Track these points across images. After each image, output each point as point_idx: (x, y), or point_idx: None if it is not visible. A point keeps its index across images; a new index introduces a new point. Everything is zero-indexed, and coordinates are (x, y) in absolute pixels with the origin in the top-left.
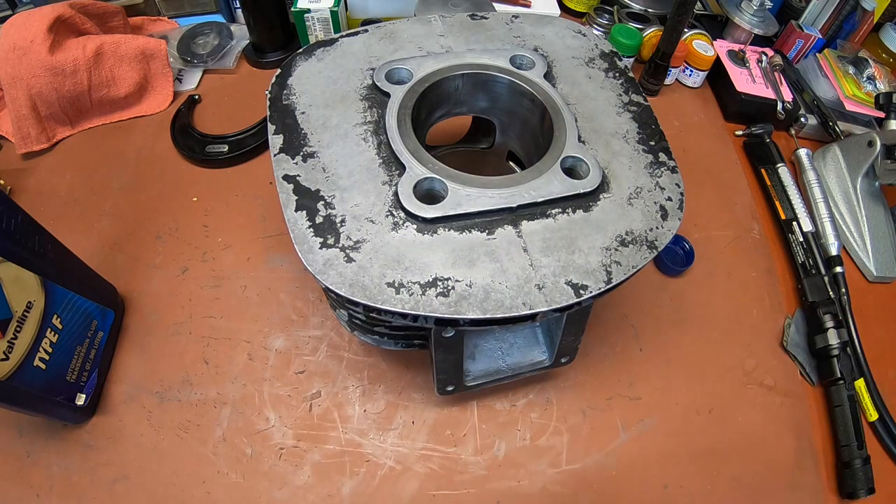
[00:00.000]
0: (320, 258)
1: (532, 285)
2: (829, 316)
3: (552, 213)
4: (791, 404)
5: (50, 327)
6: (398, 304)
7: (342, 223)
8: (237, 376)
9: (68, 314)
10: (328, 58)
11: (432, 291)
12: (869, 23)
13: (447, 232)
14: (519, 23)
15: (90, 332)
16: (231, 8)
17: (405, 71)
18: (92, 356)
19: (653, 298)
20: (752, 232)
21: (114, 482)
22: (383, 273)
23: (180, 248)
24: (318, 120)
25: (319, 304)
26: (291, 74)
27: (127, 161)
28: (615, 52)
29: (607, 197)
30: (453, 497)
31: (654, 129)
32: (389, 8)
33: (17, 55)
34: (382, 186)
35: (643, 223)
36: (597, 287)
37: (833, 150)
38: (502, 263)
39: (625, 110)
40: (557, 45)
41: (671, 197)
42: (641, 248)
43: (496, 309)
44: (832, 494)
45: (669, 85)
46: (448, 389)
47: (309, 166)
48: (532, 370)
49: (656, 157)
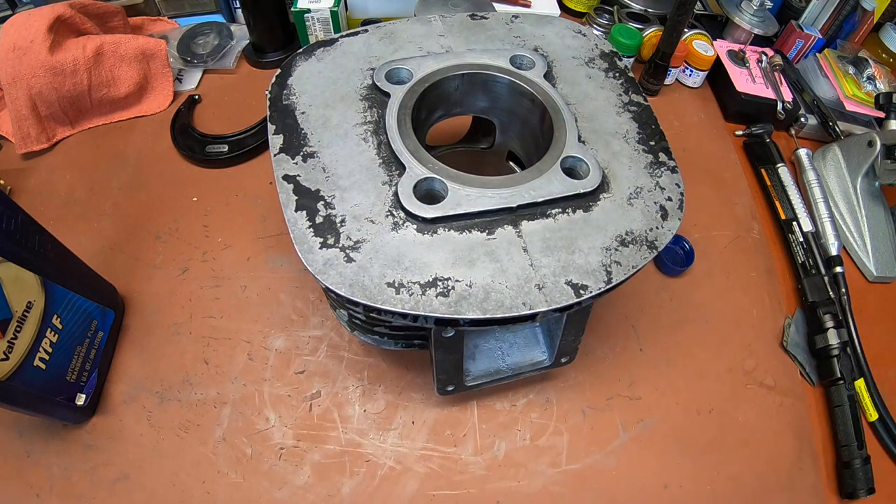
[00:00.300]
0: (320, 258)
1: (532, 285)
2: (829, 316)
3: (552, 213)
4: (791, 404)
5: (50, 327)
6: (398, 304)
7: (342, 223)
8: (237, 376)
9: (68, 314)
10: (328, 58)
11: (432, 291)
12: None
13: (447, 232)
14: (519, 23)
15: (90, 332)
16: (231, 8)
17: (405, 71)
18: (92, 356)
19: (653, 298)
20: (752, 232)
21: (114, 482)
22: (383, 273)
23: (180, 248)
24: (318, 120)
25: (319, 304)
26: (291, 74)
27: (127, 161)
28: (615, 52)
29: (607, 197)
30: (453, 497)
31: (654, 129)
32: (389, 8)
33: (17, 55)
34: (382, 186)
35: (643, 223)
36: (597, 287)
37: (833, 150)
38: (502, 263)
39: (625, 110)
40: (557, 45)
41: (671, 197)
42: (641, 248)
43: (496, 309)
44: (832, 494)
45: (669, 85)
46: (448, 389)
47: (309, 166)
48: (532, 370)
49: (656, 157)
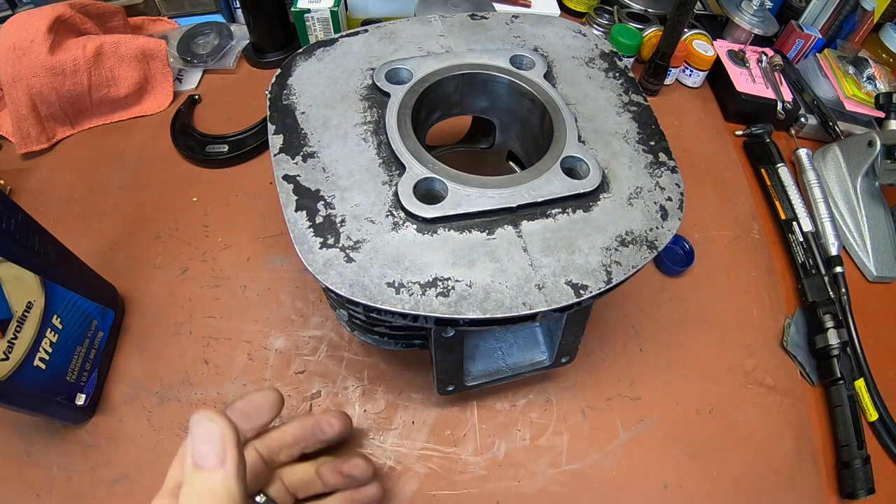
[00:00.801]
0: (320, 258)
1: (532, 285)
2: (829, 316)
3: (552, 213)
4: (791, 404)
5: (50, 327)
6: (398, 304)
7: (342, 223)
8: (237, 376)
9: (68, 314)
10: (328, 58)
11: (432, 291)
12: (869, 23)
13: (447, 232)
14: (519, 23)
15: (90, 332)
16: (231, 8)
17: (405, 71)
18: (92, 356)
19: (653, 298)
20: (752, 232)
21: (114, 482)
22: (383, 273)
23: (180, 248)
24: (318, 120)
25: (319, 304)
26: (291, 74)
27: (127, 161)
28: (615, 52)
29: (607, 197)
30: (453, 497)
31: (654, 129)
32: (389, 8)
33: (17, 55)
34: (382, 186)
35: (643, 223)
36: (597, 287)
37: (833, 150)
38: (502, 263)
39: (625, 110)
40: (557, 45)
41: (671, 197)
42: (641, 248)
43: (496, 309)
44: (832, 494)
45: (669, 85)
46: (448, 389)
47: (309, 166)
48: (532, 370)
49: (656, 157)
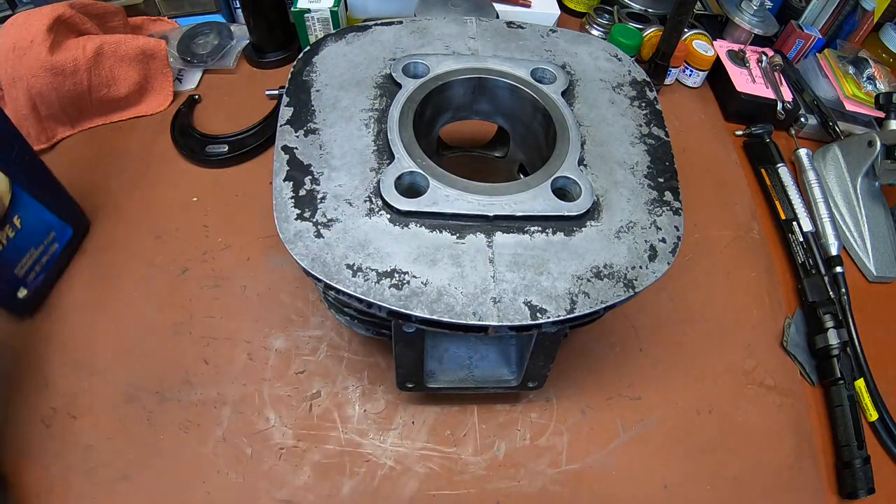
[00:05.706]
0: (293, 228)
1: (488, 297)
2: (829, 316)
3: (530, 230)
4: (791, 404)
5: (9, 224)
6: (352, 286)
7: (322, 199)
8: (237, 376)
9: (29, 217)
10: (357, 42)
11: (387, 281)
12: (869, 23)
13: (418, 228)
14: (554, 37)
15: (47, 240)
16: (231, 8)
17: (422, 66)
18: (43, 261)
19: (653, 298)
20: (752, 232)
21: (114, 482)
22: (346, 254)
23: (180, 248)
24: (330, 100)
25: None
26: (318, 53)
27: (127, 161)
28: (647, 82)
29: (594, 225)
30: (453, 497)
31: (668, 165)
32: (389, 8)
33: (17, 55)
34: (370, 173)
35: (626, 259)
36: (556, 314)
37: (833, 150)
38: (464, 269)
39: (641, 141)
40: (588, 65)
41: (665, 238)
42: (616, 285)
43: (445, 312)
44: (832, 494)
45: (669, 85)
46: (408, 386)
47: (308, 141)
48: (498, 387)
49: (661, 195)
